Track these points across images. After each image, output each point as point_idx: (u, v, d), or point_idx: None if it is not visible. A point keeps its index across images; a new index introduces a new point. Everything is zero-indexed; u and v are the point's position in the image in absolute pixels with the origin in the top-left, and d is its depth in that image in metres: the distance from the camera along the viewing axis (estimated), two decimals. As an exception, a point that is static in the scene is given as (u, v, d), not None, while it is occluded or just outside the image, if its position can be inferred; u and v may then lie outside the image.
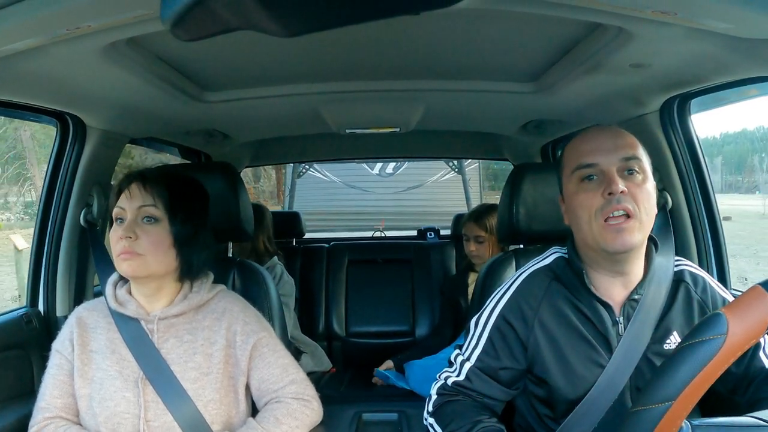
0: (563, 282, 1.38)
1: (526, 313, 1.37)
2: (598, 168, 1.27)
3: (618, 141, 1.29)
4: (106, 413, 1.40)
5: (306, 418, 1.49)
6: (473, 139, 3.37)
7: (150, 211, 1.43)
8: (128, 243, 1.40)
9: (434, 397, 1.45)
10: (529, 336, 1.36)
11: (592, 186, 1.27)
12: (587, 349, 1.33)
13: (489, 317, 1.41)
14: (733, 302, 0.84)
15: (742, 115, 13.77)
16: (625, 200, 1.23)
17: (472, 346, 1.41)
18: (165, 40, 1.43)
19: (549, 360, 1.35)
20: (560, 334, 1.34)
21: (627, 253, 1.27)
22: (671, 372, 0.81)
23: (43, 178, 2.03)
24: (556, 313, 1.35)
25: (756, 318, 0.80)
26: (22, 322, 1.89)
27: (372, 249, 3.70)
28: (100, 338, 1.48)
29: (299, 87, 1.97)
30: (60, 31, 1.16)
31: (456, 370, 1.43)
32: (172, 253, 1.45)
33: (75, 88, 1.63)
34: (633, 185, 1.25)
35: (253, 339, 1.50)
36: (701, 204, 1.98)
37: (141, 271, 1.42)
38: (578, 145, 1.34)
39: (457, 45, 1.62)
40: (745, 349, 0.81)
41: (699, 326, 0.83)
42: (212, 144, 2.86)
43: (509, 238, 1.89)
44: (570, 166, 1.32)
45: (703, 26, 1.19)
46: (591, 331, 1.34)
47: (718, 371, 0.80)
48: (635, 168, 1.27)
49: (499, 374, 1.38)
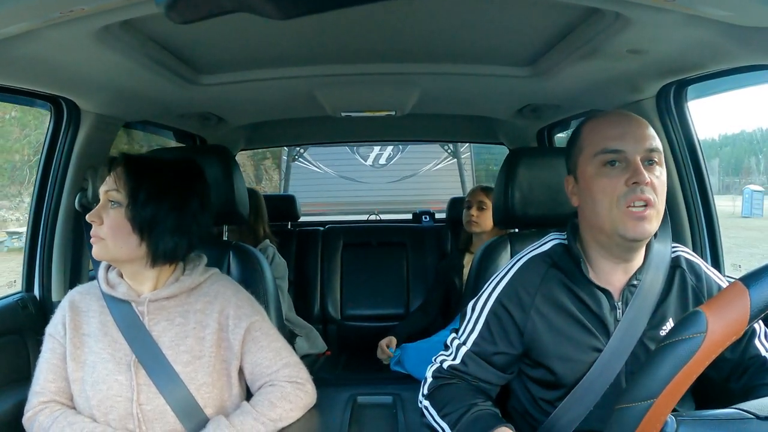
0: (561, 268, 1.38)
1: (523, 299, 1.37)
2: (623, 155, 1.26)
3: (645, 131, 1.28)
4: (98, 396, 1.40)
5: (300, 401, 1.50)
6: (469, 123, 3.37)
7: (113, 196, 1.43)
8: (94, 227, 1.42)
9: (429, 380, 1.46)
10: (526, 322, 1.36)
11: (615, 172, 1.26)
12: (584, 333, 1.34)
13: (486, 302, 1.41)
14: (713, 299, 0.84)
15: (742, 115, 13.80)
16: (647, 191, 1.23)
17: (469, 330, 1.42)
18: (159, 22, 1.42)
19: (546, 344, 1.36)
20: (557, 320, 1.35)
21: (642, 241, 1.29)
22: (653, 370, 0.82)
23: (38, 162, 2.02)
24: (554, 300, 1.36)
25: (735, 315, 0.81)
26: (17, 307, 1.89)
27: (367, 232, 3.70)
28: (93, 321, 1.48)
29: (294, 70, 1.95)
30: (53, 14, 1.14)
31: (452, 354, 1.44)
32: (134, 238, 1.42)
33: (69, 72, 1.62)
34: (653, 176, 1.25)
35: (246, 323, 1.50)
36: (696, 190, 1.99)
37: (103, 255, 1.43)
38: (604, 128, 1.31)
39: (453, 28, 1.61)
40: (726, 346, 0.82)
41: (679, 324, 0.84)
42: (207, 127, 2.84)
43: (504, 222, 1.89)
44: (592, 149, 1.30)
45: (701, 13, 1.19)
46: (588, 316, 1.34)
47: (700, 368, 0.81)
48: (656, 159, 1.27)
49: (495, 359, 1.39)
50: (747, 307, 0.81)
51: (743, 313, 0.81)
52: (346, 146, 9.06)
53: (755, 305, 0.81)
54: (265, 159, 12.10)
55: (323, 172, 9.40)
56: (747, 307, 0.81)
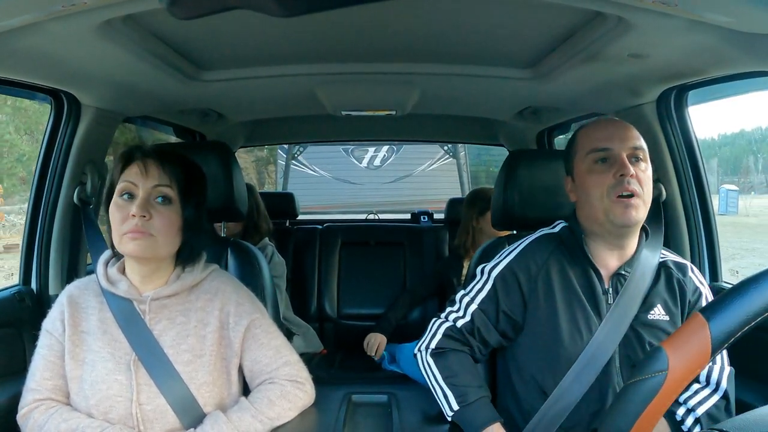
0: (567, 247, 1.53)
1: (531, 268, 1.52)
2: (610, 152, 1.44)
3: (629, 132, 1.46)
4: (98, 396, 1.38)
5: (299, 400, 1.49)
6: (469, 124, 3.36)
7: (166, 192, 1.40)
8: (141, 222, 1.36)
9: (439, 337, 1.56)
10: (532, 291, 1.50)
11: (604, 168, 1.44)
12: (582, 311, 1.47)
13: (496, 267, 1.55)
14: (674, 335, 0.84)
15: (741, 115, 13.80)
16: (632, 183, 1.40)
17: (477, 289, 1.56)
18: (161, 18, 1.42)
19: (546, 316, 1.48)
20: (560, 294, 1.49)
21: (630, 228, 1.44)
22: (621, 408, 0.85)
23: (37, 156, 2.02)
24: (559, 273, 1.50)
25: (696, 350, 0.80)
26: (14, 301, 1.88)
27: (365, 231, 3.70)
28: (92, 318, 1.46)
29: (295, 68, 1.95)
30: (55, 8, 1.14)
31: (461, 311, 1.56)
32: (179, 237, 1.43)
33: (70, 66, 1.62)
34: (638, 170, 1.42)
35: (246, 320, 1.49)
36: (695, 195, 1.99)
37: (148, 252, 1.39)
38: (593, 131, 1.49)
39: (455, 29, 1.61)
40: (690, 380, 0.82)
41: (642, 363, 0.85)
42: (207, 123, 2.84)
43: (503, 224, 1.89)
44: (584, 150, 1.48)
45: (703, 19, 1.19)
46: (587, 295, 1.48)
47: (667, 402, 0.82)
48: (641, 156, 1.45)
49: (499, 320, 1.52)
50: (707, 341, 0.80)
51: (704, 347, 0.80)
52: (340, 149, 9.08)
53: (716, 338, 0.80)
54: (269, 164, 12.10)
55: (319, 175, 9.40)
56: (707, 340, 0.80)
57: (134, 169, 1.41)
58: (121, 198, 1.40)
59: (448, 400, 1.48)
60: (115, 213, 1.40)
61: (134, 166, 1.41)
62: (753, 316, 0.80)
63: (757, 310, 0.80)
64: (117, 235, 1.39)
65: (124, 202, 1.39)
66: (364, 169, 9.53)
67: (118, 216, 1.39)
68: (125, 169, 1.42)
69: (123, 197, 1.40)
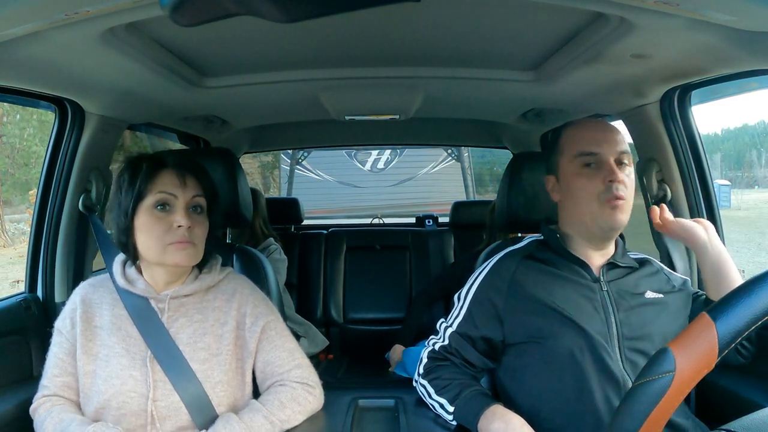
0: (536, 257, 1.55)
1: (499, 285, 1.52)
2: (599, 157, 1.45)
3: (616, 135, 1.48)
4: (111, 390, 1.39)
5: (309, 404, 1.50)
6: (473, 127, 3.36)
7: (200, 201, 1.45)
8: (188, 232, 1.40)
9: (425, 361, 1.61)
10: (506, 305, 1.50)
11: (592, 172, 1.45)
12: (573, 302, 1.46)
13: (469, 291, 1.57)
14: (681, 335, 0.83)
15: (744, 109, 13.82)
16: (620, 188, 1.43)
17: (455, 315, 1.58)
18: (164, 25, 1.42)
19: (532, 320, 1.47)
20: (540, 295, 1.47)
21: (616, 230, 1.47)
22: (629, 409, 0.84)
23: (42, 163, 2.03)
24: (531, 280, 1.50)
25: (703, 350, 0.80)
26: (20, 308, 1.89)
27: (370, 236, 3.70)
28: (105, 314, 1.48)
29: (299, 73, 1.96)
30: (59, 16, 1.15)
31: (441, 337, 1.60)
32: (205, 242, 1.48)
33: (74, 74, 1.62)
34: (624, 175, 1.44)
35: (262, 322, 1.52)
36: (700, 196, 1.99)
37: (193, 260, 1.45)
38: (581, 133, 1.50)
39: (457, 32, 1.61)
40: (698, 381, 0.81)
41: (649, 364, 0.84)
42: (211, 130, 2.85)
43: (508, 226, 1.89)
44: (571, 151, 1.49)
45: (705, 18, 1.19)
46: (576, 286, 1.48)
47: (675, 403, 0.81)
48: (626, 161, 1.47)
49: (477, 341, 1.53)
50: (714, 341, 0.79)
51: (711, 348, 0.79)
52: (344, 152, 9.09)
53: (723, 338, 0.79)
54: (274, 169, 12.15)
55: (323, 179, 9.41)
56: (714, 340, 0.79)
57: (168, 178, 1.42)
58: (155, 209, 1.41)
59: (444, 408, 1.48)
60: (155, 224, 1.41)
61: (168, 175, 1.43)
62: (760, 315, 0.80)
63: (764, 309, 0.80)
64: (159, 246, 1.41)
65: (163, 214, 1.41)
66: (367, 172, 9.54)
67: (159, 227, 1.40)
68: (155, 178, 1.42)
69: (158, 209, 1.41)
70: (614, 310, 1.45)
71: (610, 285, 1.48)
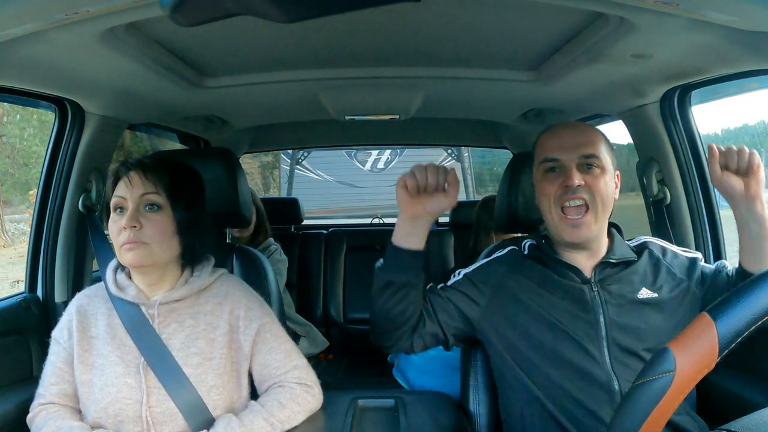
0: (532, 257, 1.56)
1: (492, 278, 1.55)
2: (560, 162, 1.46)
3: (579, 139, 1.47)
4: (108, 399, 1.40)
5: (308, 404, 1.50)
6: (473, 127, 3.36)
7: (153, 199, 1.42)
8: (133, 233, 1.39)
9: None
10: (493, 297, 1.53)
11: (553, 177, 1.46)
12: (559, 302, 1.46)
13: (468, 269, 1.62)
14: (681, 335, 0.82)
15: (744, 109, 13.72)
16: (580, 191, 1.42)
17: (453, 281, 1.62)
18: (164, 25, 1.42)
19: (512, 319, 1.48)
20: (524, 297, 1.49)
21: (583, 243, 1.46)
22: (629, 409, 0.83)
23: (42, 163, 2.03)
24: (524, 279, 1.52)
25: (703, 350, 0.79)
26: (20, 308, 1.89)
27: (370, 236, 3.69)
28: (101, 324, 1.47)
29: (299, 73, 1.96)
30: (59, 16, 1.15)
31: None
32: (175, 240, 1.44)
33: (74, 74, 1.62)
34: (590, 177, 1.43)
35: (257, 324, 1.50)
36: (700, 196, 1.99)
37: (146, 260, 1.41)
38: (545, 140, 1.52)
39: (457, 32, 1.61)
40: (698, 380, 0.81)
41: (649, 364, 0.83)
42: (211, 130, 2.84)
43: (508, 226, 1.89)
44: (539, 158, 1.51)
45: (705, 18, 1.18)
46: (563, 285, 1.48)
47: (675, 404, 0.81)
48: (594, 163, 1.45)
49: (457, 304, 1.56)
50: (715, 341, 0.79)
51: (712, 347, 0.79)
52: (344, 152, 9.08)
53: (723, 338, 0.79)
54: (274, 169, 12.15)
55: (323, 179, 9.40)
56: (715, 340, 0.79)
57: (122, 183, 1.44)
58: (114, 213, 1.43)
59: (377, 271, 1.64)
60: (112, 227, 1.43)
61: (122, 180, 1.44)
62: (760, 315, 0.79)
63: (764, 309, 0.79)
64: (117, 248, 1.43)
65: (118, 216, 1.42)
66: (367, 172, 9.53)
67: (114, 230, 1.43)
68: (117, 182, 1.45)
69: (116, 212, 1.43)
70: (604, 311, 1.43)
71: (601, 285, 1.46)
